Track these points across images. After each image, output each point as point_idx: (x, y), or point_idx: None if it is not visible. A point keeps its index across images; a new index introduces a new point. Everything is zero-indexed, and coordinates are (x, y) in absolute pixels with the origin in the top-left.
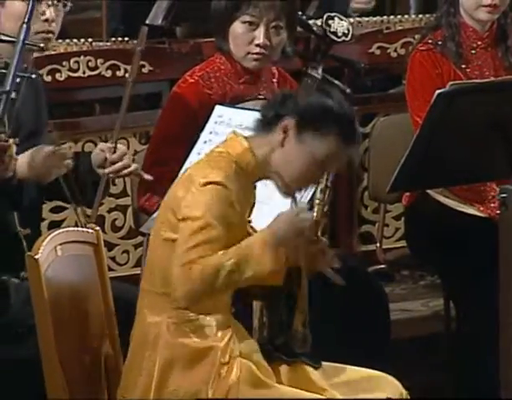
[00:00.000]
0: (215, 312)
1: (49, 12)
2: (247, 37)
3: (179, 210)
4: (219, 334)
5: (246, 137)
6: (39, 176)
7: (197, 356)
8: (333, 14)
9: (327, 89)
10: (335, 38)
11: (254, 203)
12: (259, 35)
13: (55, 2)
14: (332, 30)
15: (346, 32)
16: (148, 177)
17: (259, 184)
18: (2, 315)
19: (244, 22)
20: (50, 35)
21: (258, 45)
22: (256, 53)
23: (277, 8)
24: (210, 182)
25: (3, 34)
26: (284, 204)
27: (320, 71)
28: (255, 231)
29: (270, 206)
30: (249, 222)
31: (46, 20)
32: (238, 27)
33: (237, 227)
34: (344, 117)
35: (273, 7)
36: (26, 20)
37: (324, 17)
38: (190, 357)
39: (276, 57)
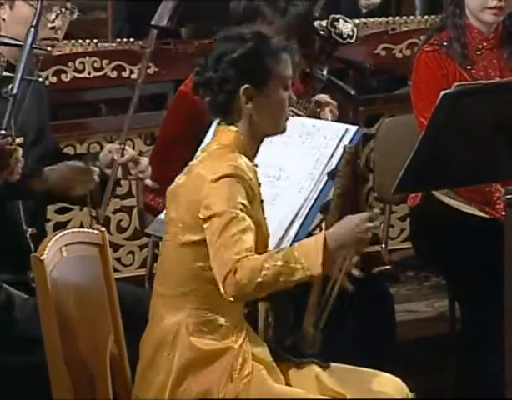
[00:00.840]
0: (231, 312)
1: (57, 21)
2: None
3: (198, 211)
4: (234, 336)
5: (224, 123)
6: (68, 191)
7: (212, 357)
8: (338, 16)
9: (232, 35)
10: (340, 40)
11: (260, 183)
12: None
13: (63, 10)
14: (337, 31)
15: (351, 33)
16: (152, 184)
17: (264, 186)
18: (7, 331)
19: None
20: (55, 42)
21: None
22: None
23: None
24: (222, 176)
25: (10, 38)
26: (291, 204)
27: (325, 72)
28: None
29: (275, 207)
30: (261, 201)
31: (52, 27)
32: None
33: (254, 210)
34: (267, 42)
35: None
36: (34, 24)
37: (330, 18)
38: (205, 357)
39: None
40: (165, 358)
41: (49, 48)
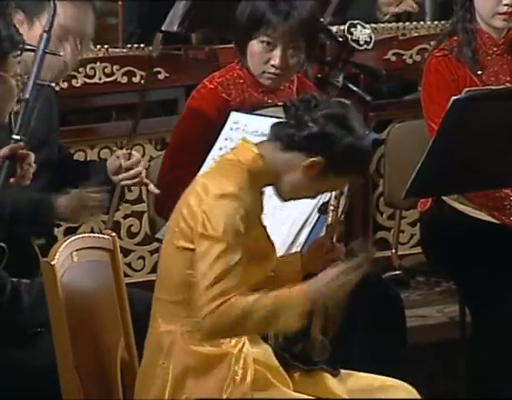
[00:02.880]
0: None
1: (70, 55)
2: (263, 57)
3: (197, 221)
4: (233, 341)
5: (258, 143)
6: (74, 219)
7: (211, 363)
8: (355, 22)
9: (352, 122)
10: (357, 46)
11: (263, 208)
12: (276, 56)
13: (78, 42)
14: (354, 38)
15: (368, 40)
16: (154, 190)
17: (273, 192)
18: (14, 318)
19: (262, 42)
20: (61, 73)
21: (273, 66)
22: (272, 73)
23: (295, 32)
24: (226, 195)
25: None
26: (300, 211)
27: (341, 78)
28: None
29: (284, 213)
30: (264, 228)
31: (64, 61)
32: (255, 46)
33: (253, 235)
34: (367, 155)
35: (291, 30)
36: (46, 29)
37: (347, 24)
38: (204, 364)
39: (291, 76)
40: (160, 368)
41: (62, 53)
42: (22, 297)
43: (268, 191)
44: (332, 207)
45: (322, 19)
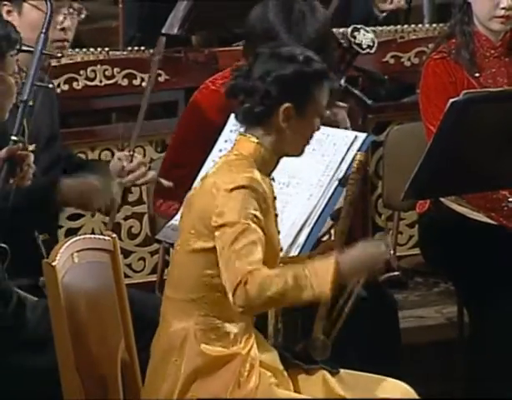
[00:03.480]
0: (239, 320)
1: (66, 22)
2: None
3: (210, 219)
4: (242, 343)
5: (247, 133)
6: (85, 206)
7: (219, 363)
8: (359, 26)
9: (283, 52)
10: (360, 50)
11: (275, 197)
12: None
13: (71, 10)
14: (357, 42)
15: (371, 44)
16: (167, 183)
17: None
18: (18, 331)
19: None
20: (65, 43)
21: None
22: None
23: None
24: (237, 187)
25: (22, 44)
26: (300, 212)
27: (343, 81)
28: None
29: (284, 214)
30: (276, 216)
31: (62, 29)
32: None
33: (267, 223)
34: (317, 67)
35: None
36: (44, 30)
37: (350, 28)
38: (213, 364)
39: None
40: (172, 364)
41: (59, 54)
42: (26, 312)
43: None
44: (352, 181)
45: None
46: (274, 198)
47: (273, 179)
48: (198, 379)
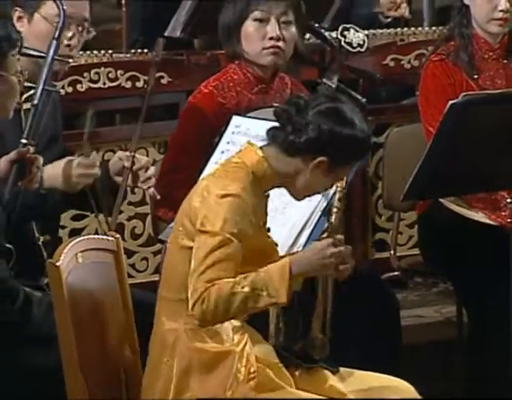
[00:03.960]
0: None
1: (74, 40)
2: (260, 33)
3: (197, 219)
4: (236, 339)
5: (262, 147)
6: (69, 185)
7: (214, 360)
8: (348, 25)
9: (345, 112)
10: (350, 49)
11: (267, 212)
12: (271, 28)
13: (80, 29)
14: (347, 41)
15: (361, 43)
16: (153, 194)
17: (274, 194)
18: (24, 327)
19: (255, 20)
20: (69, 59)
21: (271, 38)
22: (271, 47)
23: (284, 3)
24: (228, 195)
25: (32, 49)
26: (301, 214)
27: (335, 80)
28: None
29: (285, 215)
30: (268, 230)
31: (68, 45)
32: (249, 26)
33: (252, 237)
34: (368, 141)
35: (280, 1)
36: (56, 36)
37: (340, 28)
38: (208, 361)
39: (289, 53)
40: (164, 365)
41: (70, 60)
42: (33, 308)
43: (270, 193)
44: (335, 209)
45: (315, 24)
46: (266, 214)
47: (267, 196)
48: (194, 376)
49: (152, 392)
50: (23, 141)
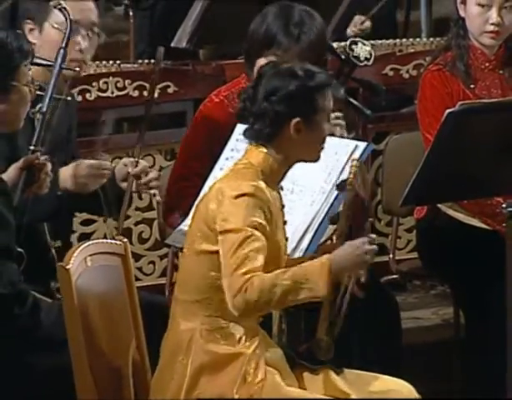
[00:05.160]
0: (244, 320)
1: (84, 44)
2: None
3: (216, 223)
4: (247, 342)
5: (261, 144)
6: (79, 187)
7: (225, 361)
8: (357, 39)
9: (284, 71)
10: (358, 62)
11: (283, 205)
12: None
13: (90, 33)
14: (355, 54)
15: (368, 56)
16: (159, 199)
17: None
18: (34, 333)
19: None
20: (82, 63)
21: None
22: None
23: (304, 54)
24: (243, 194)
25: (42, 58)
26: (303, 218)
27: (342, 93)
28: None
29: (288, 218)
30: (285, 223)
31: (80, 50)
32: (263, 63)
33: (272, 233)
34: (319, 79)
35: (300, 52)
36: (63, 45)
37: (348, 41)
38: (219, 362)
39: None
40: (179, 364)
41: (77, 69)
42: (41, 313)
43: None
44: (348, 186)
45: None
46: (283, 207)
47: (281, 188)
48: (205, 376)
49: (163, 391)
50: (32, 148)
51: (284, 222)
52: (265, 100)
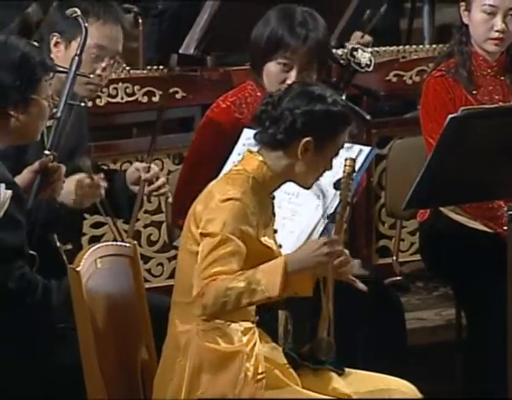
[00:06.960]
0: (240, 319)
1: (106, 72)
2: (280, 77)
3: (201, 224)
4: (245, 339)
5: (259, 150)
6: (74, 203)
7: (224, 360)
8: (357, 46)
9: (315, 91)
10: (358, 68)
11: (274, 214)
12: (292, 77)
13: (112, 62)
14: (356, 60)
15: (369, 62)
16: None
17: (283, 201)
18: (44, 315)
19: (279, 64)
20: (98, 88)
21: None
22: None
23: (312, 54)
24: (229, 199)
25: (58, 65)
26: (308, 220)
27: (343, 98)
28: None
29: (294, 222)
30: (275, 231)
31: (99, 76)
32: (272, 67)
33: (254, 239)
34: (342, 112)
35: (309, 52)
36: (78, 52)
37: (349, 48)
38: (218, 361)
39: None
40: (178, 365)
41: (91, 75)
42: (52, 296)
43: (278, 203)
44: (338, 216)
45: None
46: (273, 215)
47: (273, 197)
48: (206, 374)
49: (164, 392)
50: (46, 152)
51: (275, 231)
52: (288, 110)
